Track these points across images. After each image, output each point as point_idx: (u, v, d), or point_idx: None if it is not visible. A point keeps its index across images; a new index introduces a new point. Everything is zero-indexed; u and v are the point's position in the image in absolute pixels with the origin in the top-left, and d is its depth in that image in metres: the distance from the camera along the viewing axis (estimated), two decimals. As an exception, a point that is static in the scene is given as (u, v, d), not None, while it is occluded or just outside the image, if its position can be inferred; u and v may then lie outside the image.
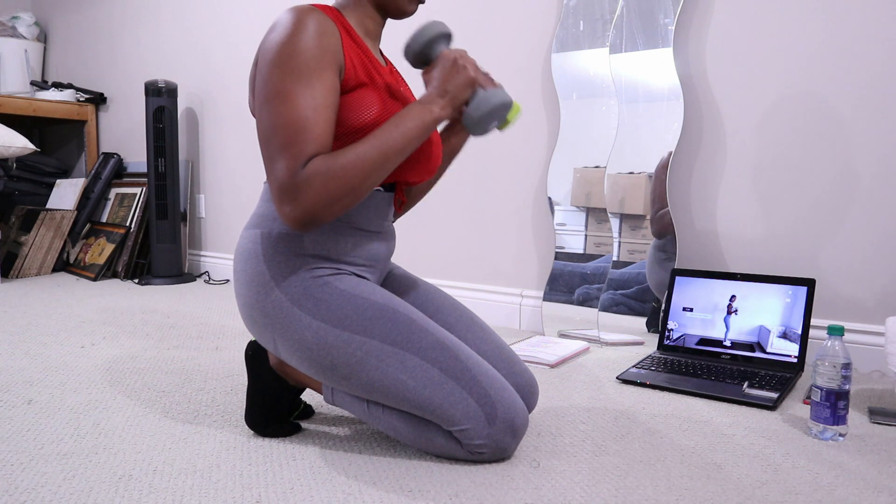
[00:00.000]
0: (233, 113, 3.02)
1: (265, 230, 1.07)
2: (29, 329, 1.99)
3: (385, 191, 1.12)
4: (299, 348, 1.03)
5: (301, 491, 0.94)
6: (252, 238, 1.08)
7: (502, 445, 1.01)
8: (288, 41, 0.96)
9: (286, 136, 0.94)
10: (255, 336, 1.09)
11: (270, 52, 0.97)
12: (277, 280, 1.04)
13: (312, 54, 0.96)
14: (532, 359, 1.64)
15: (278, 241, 1.05)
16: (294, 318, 1.02)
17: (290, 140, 0.94)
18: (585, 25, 1.92)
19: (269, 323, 1.05)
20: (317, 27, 0.97)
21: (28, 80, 3.84)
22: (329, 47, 0.97)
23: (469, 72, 1.03)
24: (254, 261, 1.06)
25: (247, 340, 1.88)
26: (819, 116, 1.62)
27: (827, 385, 1.13)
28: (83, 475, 0.99)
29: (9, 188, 3.48)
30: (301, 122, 0.94)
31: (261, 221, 1.08)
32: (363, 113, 1.01)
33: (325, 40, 0.97)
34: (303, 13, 0.97)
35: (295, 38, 0.95)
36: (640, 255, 1.82)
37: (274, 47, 0.96)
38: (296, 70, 0.95)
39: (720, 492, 0.95)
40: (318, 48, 0.96)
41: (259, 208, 1.11)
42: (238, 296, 1.09)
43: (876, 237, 1.57)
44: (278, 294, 1.03)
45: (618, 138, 1.85)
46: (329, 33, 0.98)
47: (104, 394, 1.38)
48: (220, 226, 3.14)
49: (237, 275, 1.09)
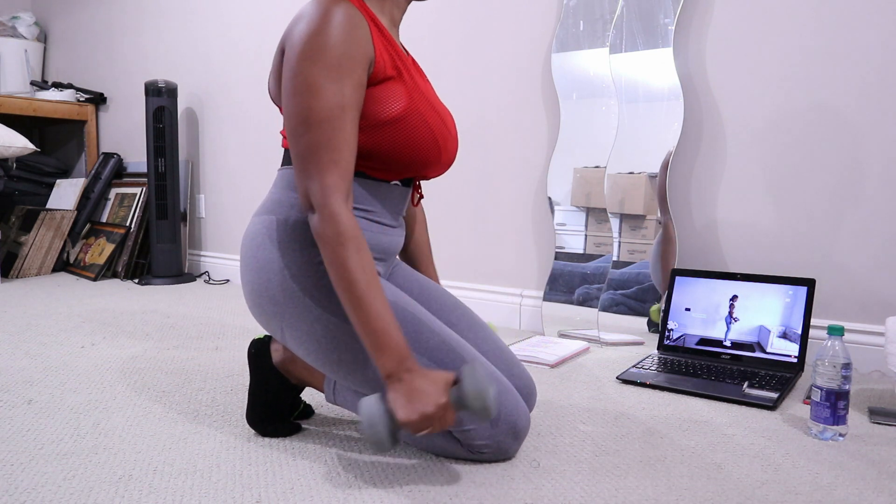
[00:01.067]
0: (233, 113, 3.02)
1: (281, 217, 1.05)
2: (29, 329, 1.99)
3: (402, 185, 1.12)
4: (308, 340, 1.02)
5: (301, 491, 0.94)
6: (266, 224, 1.06)
7: (504, 447, 1.01)
8: (318, 33, 0.94)
9: (317, 135, 0.93)
10: (262, 324, 1.08)
11: (300, 43, 0.95)
12: (290, 268, 1.02)
13: (344, 49, 0.94)
14: (532, 359, 1.64)
15: (294, 230, 1.04)
16: (305, 308, 1.01)
17: (321, 141, 0.93)
18: (585, 25, 1.92)
19: (277, 311, 1.03)
20: (346, 20, 0.95)
21: (28, 80, 3.84)
22: (359, 41, 0.96)
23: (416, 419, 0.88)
24: (267, 247, 1.04)
25: (247, 340, 1.88)
26: (819, 116, 1.62)
27: (827, 385, 1.13)
28: (83, 475, 0.99)
29: (9, 188, 3.48)
30: (331, 121, 0.93)
31: (276, 208, 1.06)
32: (389, 106, 1.00)
33: (355, 33, 0.96)
34: (330, 3, 0.95)
35: (325, 29, 0.94)
36: (641, 255, 1.82)
37: (304, 38, 0.95)
38: (327, 64, 0.94)
39: (720, 492, 0.95)
40: (349, 42, 0.95)
41: (274, 194, 1.08)
42: (245, 283, 1.07)
43: (876, 237, 1.57)
44: (290, 283, 1.02)
45: (618, 138, 1.85)
46: (358, 25, 0.96)
47: (104, 394, 1.38)
48: (220, 226, 3.14)
49: (246, 261, 1.07)
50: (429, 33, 2.28)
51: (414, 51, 2.32)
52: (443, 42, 2.25)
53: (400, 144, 1.02)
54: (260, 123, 2.90)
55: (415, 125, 1.02)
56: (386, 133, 1.01)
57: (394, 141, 1.01)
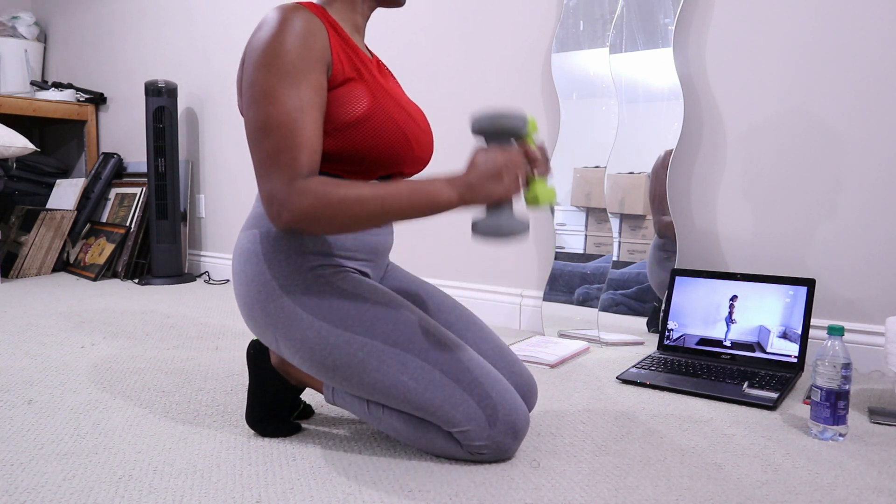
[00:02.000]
0: (233, 113, 3.02)
1: (263, 230, 1.07)
2: (29, 329, 1.99)
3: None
4: (301, 348, 1.03)
5: (301, 491, 0.94)
6: (251, 238, 1.08)
7: (503, 447, 1.01)
8: (273, 41, 0.95)
9: (276, 140, 0.94)
10: (257, 335, 1.09)
11: (256, 51, 0.96)
12: (278, 279, 1.03)
13: (298, 54, 0.95)
14: (532, 359, 1.64)
15: (277, 240, 1.05)
16: (296, 317, 1.02)
17: (281, 145, 0.93)
18: (585, 25, 1.92)
19: (270, 322, 1.04)
20: (303, 25, 0.96)
21: (28, 80, 3.84)
22: (315, 45, 0.97)
23: (504, 187, 0.95)
24: (254, 261, 1.06)
25: (247, 340, 1.88)
26: (819, 116, 1.62)
27: (827, 385, 1.13)
28: (83, 475, 0.99)
29: (9, 188, 3.48)
30: (290, 125, 0.93)
31: (258, 222, 1.08)
32: (353, 107, 1.01)
33: (312, 39, 0.97)
34: (288, 11, 0.97)
35: (280, 37, 0.95)
36: (640, 255, 1.82)
37: (260, 47, 0.96)
38: (282, 70, 0.94)
39: (720, 492, 0.95)
40: (303, 48, 0.95)
41: (256, 209, 1.10)
42: (238, 296, 1.09)
43: (876, 237, 1.57)
44: (279, 293, 1.03)
45: (618, 138, 1.85)
46: (315, 31, 0.97)
47: (104, 394, 1.38)
48: (220, 226, 3.14)
49: (237, 276, 1.09)
50: (428, 34, 2.28)
51: (412, 52, 2.32)
52: (442, 42, 2.25)
53: (369, 143, 1.02)
54: (260, 123, 2.90)
55: (381, 122, 1.02)
56: (353, 134, 1.01)
57: (362, 140, 1.02)
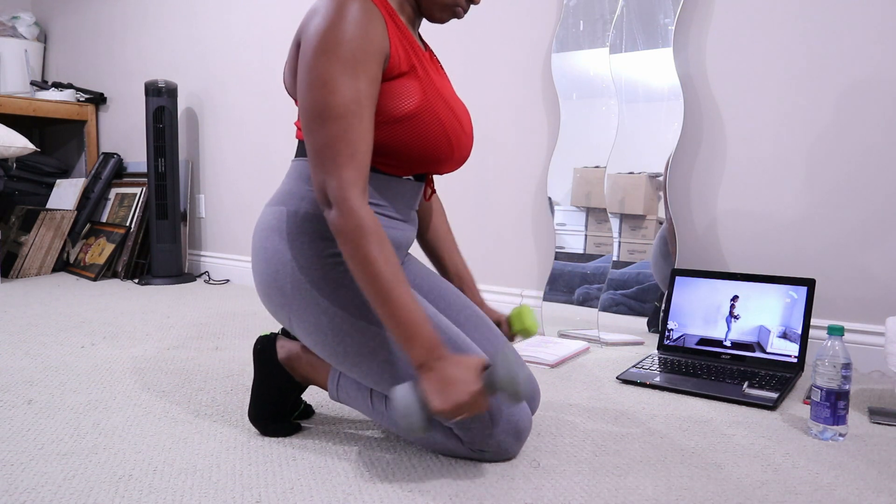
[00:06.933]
0: (233, 113, 3.02)
1: (292, 208, 1.06)
2: (29, 329, 1.99)
3: (415, 180, 1.12)
4: (315, 331, 1.03)
5: (301, 491, 0.94)
6: (276, 215, 1.07)
7: (505, 447, 1.01)
8: (332, 28, 0.94)
9: (332, 131, 0.93)
10: (271, 312, 1.09)
11: (315, 37, 0.95)
12: (298, 260, 1.03)
13: (358, 44, 0.94)
14: (532, 359, 1.64)
15: (304, 221, 1.04)
16: (312, 300, 1.02)
17: (336, 138, 0.93)
18: (585, 25, 1.92)
19: (285, 302, 1.04)
20: (362, 13, 0.95)
21: (28, 80, 3.84)
22: (374, 35, 0.96)
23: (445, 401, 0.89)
24: (276, 238, 1.05)
25: (247, 340, 1.88)
26: (819, 116, 1.62)
27: (827, 385, 1.13)
28: (83, 475, 0.99)
29: (9, 188, 3.48)
30: (347, 118, 0.93)
31: (287, 199, 1.07)
32: (403, 103, 1.00)
33: (370, 28, 0.95)
34: None
35: (340, 25, 0.94)
36: (640, 255, 1.82)
37: (319, 33, 0.94)
38: (341, 59, 0.93)
39: (720, 492, 0.95)
40: (363, 38, 0.94)
41: (286, 185, 1.09)
42: (256, 272, 1.08)
43: (876, 237, 1.57)
44: (298, 275, 1.03)
45: (618, 138, 1.85)
46: (374, 20, 0.96)
47: (104, 394, 1.38)
48: (220, 226, 3.14)
49: (256, 251, 1.08)
50: (428, 33, 2.28)
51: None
52: (442, 42, 2.25)
53: (412, 141, 1.02)
54: (260, 123, 2.90)
55: (428, 122, 1.02)
56: (399, 129, 1.01)
57: (407, 138, 1.01)
